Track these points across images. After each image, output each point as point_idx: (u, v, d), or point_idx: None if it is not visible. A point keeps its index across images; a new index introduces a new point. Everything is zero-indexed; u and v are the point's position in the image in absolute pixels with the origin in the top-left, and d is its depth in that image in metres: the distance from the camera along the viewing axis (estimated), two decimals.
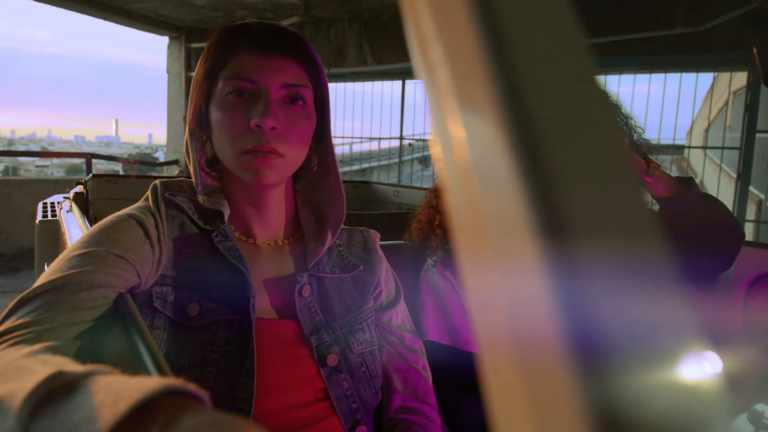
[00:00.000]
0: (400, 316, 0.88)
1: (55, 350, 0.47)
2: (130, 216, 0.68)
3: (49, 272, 0.58)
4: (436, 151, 0.17)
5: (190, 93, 0.76)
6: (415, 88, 5.90)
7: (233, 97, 0.71)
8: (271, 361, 0.69)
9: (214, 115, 0.72)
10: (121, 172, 7.53)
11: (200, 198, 0.75)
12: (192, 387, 0.32)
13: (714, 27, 4.17)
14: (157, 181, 0.77)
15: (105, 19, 6.32)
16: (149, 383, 0.31)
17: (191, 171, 0.77)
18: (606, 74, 4.77)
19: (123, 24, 6.57)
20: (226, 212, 0.75)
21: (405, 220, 2.27)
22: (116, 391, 0.31)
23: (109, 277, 0.59)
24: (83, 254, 0.60)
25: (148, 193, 0.75)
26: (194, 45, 6.90)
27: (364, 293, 0.81)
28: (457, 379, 1.00)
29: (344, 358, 0.75)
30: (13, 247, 5.16)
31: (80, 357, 0.51)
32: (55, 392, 0.34)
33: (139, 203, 0.74)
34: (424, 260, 1.12)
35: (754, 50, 1.07)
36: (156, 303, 0.67)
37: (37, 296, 0.55)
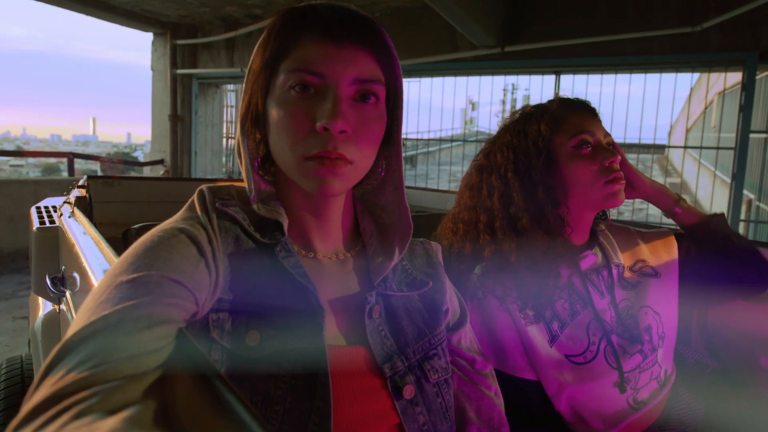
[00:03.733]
0: (468, 336, 0.79)
1: (136, 424, 0.36)
2: (180, 230, 0.57)
3: (92, 304, 0.47)
4: None
5: (244, 85, 0.66)
6: (407, 86, 5.82)
7: (296, 92, 0.60)
8: (344, 396, 0.60)
9: (273, 112, 0.62)
10: (99, 172, 7.33)
11: (255, 206, 0.65)
12: None
13: (709, 27, 4.18)
14: (204, 188, 0.66)
15: (87, 14, 6.11)
16: None
17: (243, 174, 0.66)
18: (602, 73, 4.74)
19: (106, 19, 6.37)
20: (285, 222, 0.65)
21: (416, 224, 2.18)
22: None
23: (169, 308, 0.49)
24: (133, 281, 0.49)
25: (195, 201, 0.65)
26: (180, 42, 6.71)
27: (435, 314, 0.72)
28: (506, 407, 0.91)
29: (420, 388, 0.65)
30: None
31: (158, 423, 0.39)
32: None
33: (183, 213, 0.63)
34: (463, 269, 1.03)
35: None
36: (213, 333, 0.57)
37: (87, 339, 0.43)
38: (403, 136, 0.75)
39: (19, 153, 9.42)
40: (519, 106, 1.22)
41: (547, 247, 0.95)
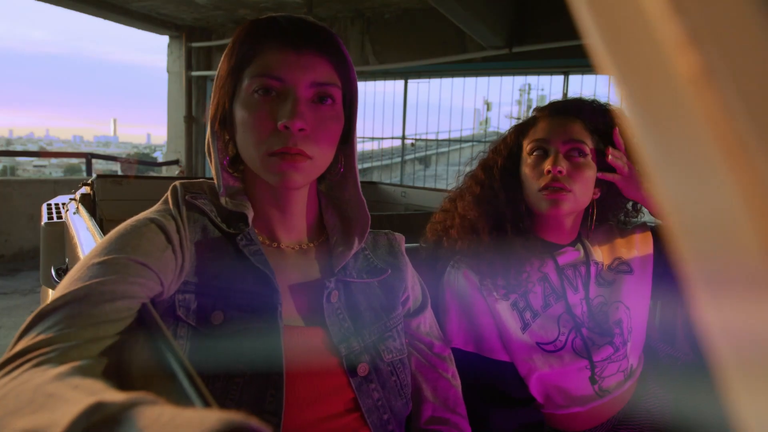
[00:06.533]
0: (428, 322, 0.84)
1: (83, 371, 0.43)
2: (151, 220, 0.65)
3: (68, 282, 0.55)
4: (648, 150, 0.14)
5: (213, 90, 0.73)
6: (417, 87, 5.87)
7: (259, 95, 0.67)
8: (300, 372, 0.66)
9: (239, 114, 0.69)
10: (119, 173, 7.50)
11: (222, 200, 0.72)
12: (254, 422, 0.28)
13: None
14: (177, 183, 0.73)
15: (105, 18, 6.27)
16: (205, 419, 0.27)
17: (213, 171, 0.73)
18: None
19: (123, 23, 6.52)
20: (250, 215, 0.72)
21: (413, 222, 2.24)
22: (169, 428, 0.28)
23: (133, 286, 0.56)
24: (103, 262, 0.56)
25: (168, 195, 0.72)
26: (195, 44, 6.85)
27: (392, 299, 0.78)
28: (483, 387, 0.96)
29: (374, 367, 0.71)
30: (13, 248, 5.12)
31: (108, 376, 0.47)
32: (97, 428, 0.30)
33: (158, 206, 0.70)
34: (444, 263, 1.08)
35: None
36: (179, 311, 0.64)
37: (57, 309, 0.51)
38: (416, 136, 0.82)
39: (37, 153, 9.67)
40: (534, 106, 1.26)
41: (516, 244, 1.00)
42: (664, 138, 0.13)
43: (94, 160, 6.35)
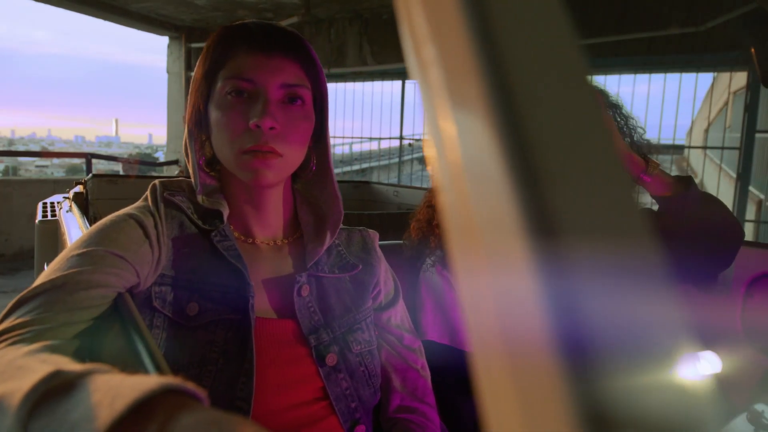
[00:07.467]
0: (399, 315, 0.88)
1: (54, 349, 0.47)
2: (130, 216, 0.68)
3: (48, 272, 0.59)
4: (429, 151, 0.17)
5: (189, 93, 0.76)
6: (414, 88, 5.90)
7: (232, 97, 0.71)
8: (270, 361, 0.69)
9: (213, 115, 0.72)
10: (121, 173, 7.53)
11: (199, 198, 0.75)
12: (190, 385, 0.32)
13: (714, 27, 4.17)
14: (157, 181, 0.77)
15: (105, 18, 6.32)
16: (147, 382, 0.31)
17: (190, 171, 0.77)
18: (606, 74, 4.77)
19: (123, 24, 6.57)
20: (225, 212, 0.75)
21: (404, 220, 2.27)
22: (114, 389, 0.32)
23: (108, 276, 0.59)
24: (82, 254, 0.60)
25: (148, 192, 0.75)
26: (194, 45, 6.90)
27: (363, 293, 0.82)
28: (457, 378, 1.00)
29: (343, 357, 0.75)
30: (13, 248, 5.17)
31: (79, 356, 0.51)
32: (54, 391, 0.34)
33: (139, 203, 0.74)
34: (423, 260, 1.12)
35: (752, 50, 1.08)
36: (155, 302, 0.67)
37: (36, 295, 0.55)
38: (414, 136, 0.85)
39: (39, 153, 9.73)
40: None
41: None
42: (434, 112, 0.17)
43: (96, 161, 6.39)
